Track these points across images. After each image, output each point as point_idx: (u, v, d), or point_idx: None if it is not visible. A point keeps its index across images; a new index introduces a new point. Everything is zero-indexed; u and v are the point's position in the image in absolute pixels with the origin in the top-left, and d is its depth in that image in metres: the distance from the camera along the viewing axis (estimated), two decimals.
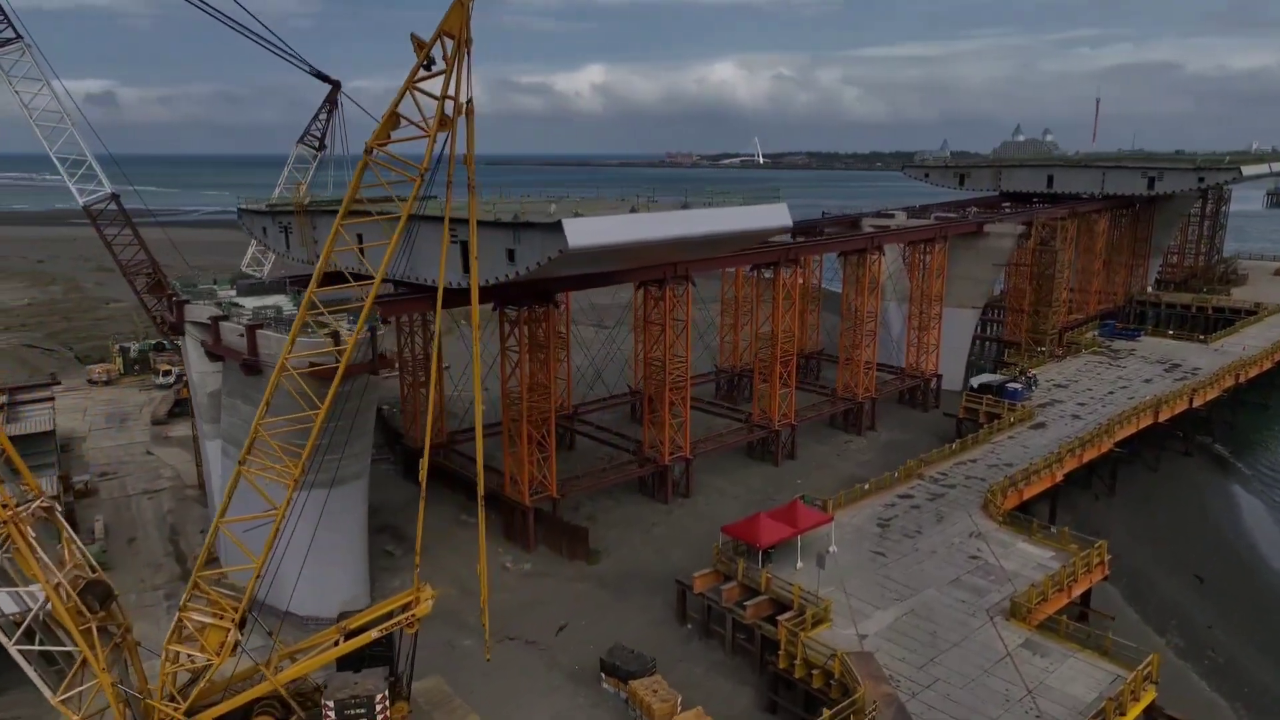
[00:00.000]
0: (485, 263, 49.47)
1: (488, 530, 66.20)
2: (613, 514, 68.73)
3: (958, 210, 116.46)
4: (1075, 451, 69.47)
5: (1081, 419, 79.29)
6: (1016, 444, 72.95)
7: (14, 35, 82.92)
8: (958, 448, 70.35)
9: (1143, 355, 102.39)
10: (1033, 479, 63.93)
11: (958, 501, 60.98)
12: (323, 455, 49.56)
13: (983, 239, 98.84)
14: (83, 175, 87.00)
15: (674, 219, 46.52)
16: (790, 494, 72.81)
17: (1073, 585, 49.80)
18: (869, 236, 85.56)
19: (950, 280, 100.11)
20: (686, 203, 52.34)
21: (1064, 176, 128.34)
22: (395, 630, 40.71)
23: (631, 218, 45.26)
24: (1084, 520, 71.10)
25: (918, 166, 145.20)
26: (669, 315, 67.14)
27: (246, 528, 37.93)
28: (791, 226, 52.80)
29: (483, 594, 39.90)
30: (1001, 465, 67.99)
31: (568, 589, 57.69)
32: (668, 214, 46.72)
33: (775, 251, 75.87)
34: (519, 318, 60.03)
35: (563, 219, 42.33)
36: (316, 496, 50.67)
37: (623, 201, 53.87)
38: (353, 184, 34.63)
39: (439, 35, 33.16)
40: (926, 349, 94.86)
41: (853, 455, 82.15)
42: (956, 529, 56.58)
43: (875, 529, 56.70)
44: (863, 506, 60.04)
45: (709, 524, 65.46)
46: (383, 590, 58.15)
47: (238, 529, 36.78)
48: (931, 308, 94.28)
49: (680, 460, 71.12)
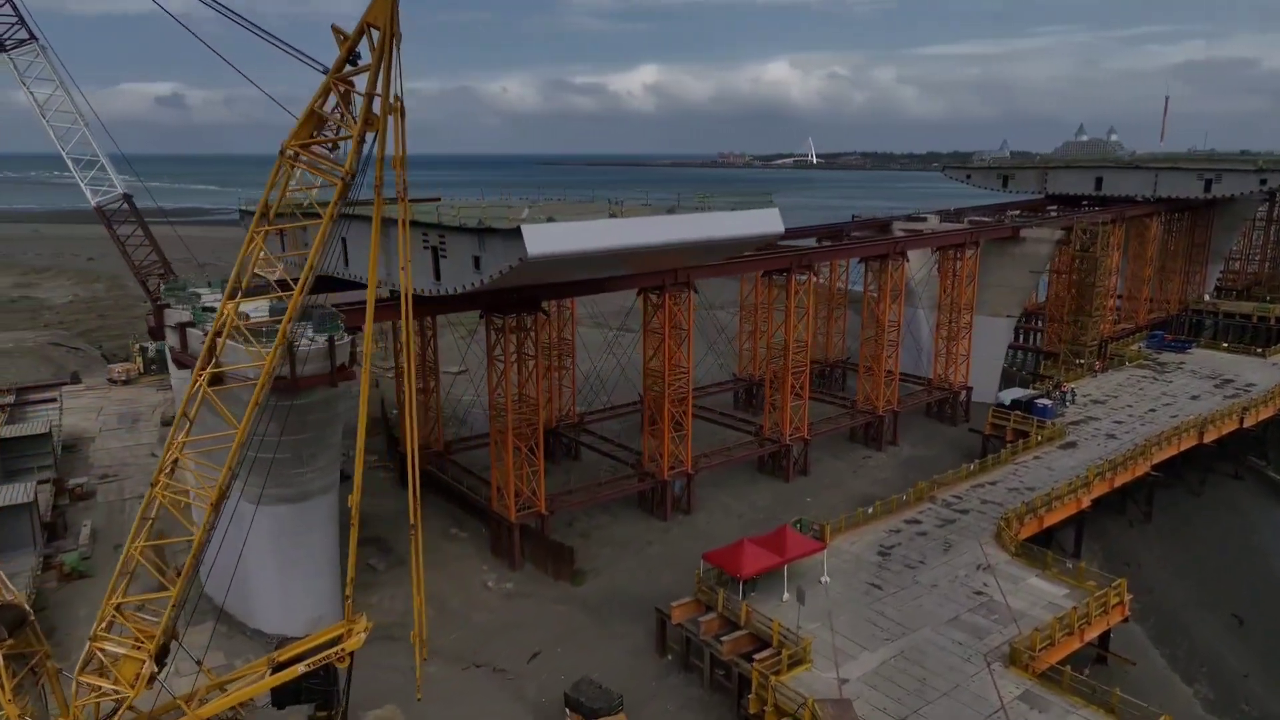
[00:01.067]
0: (453, 270, 47.07)
1: (471, 546, 64.25)
2: (607, 531, 65.86)
3: (996, 214, 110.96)
4: (1105, 475, 64.57)
5: (1117, 439, 74.02)
6: (1042, 465, 68.16)
7: (28, 36, 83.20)
8: (976, 469, 65.95)
9: (1192, 369, 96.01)
10: (1055, 505, 59.34)
11: (969, 529, 56.75)
12: (286, 470, 47.95)
13: (1019, 244, 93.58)
14: (93, 177, 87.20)
15: (649, 225, 43.45)
16: (798, 513, 69.11)
17: (1085, 628, 45.44)
18: (891, 242, 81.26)
19: (984, 288, 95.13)
20: (673, 207, 49.18)
21: (1114, 178, 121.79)
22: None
23: (598, 224, 42.30)
24: (1114, 549, 66.24)
25: (959, 168, 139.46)
26: (668, 323, 64.07)
27: (179, 549, 35.94)
28: (783, 233, 49.31)
29: (416, 627, 37.13)
30: (1023, 489, 63.40)
31: (548, 612, 54.98)
32: (643, 220, 43.66)
33: (787, 257, 72.24)
34: (504, 326, 57.46)
35: (522, 225, 39.57)
36: (279, 512, 48.92)
37: (610, 204, 50.93)
38: (268, 186, 32.32)
39: (364, 28, 30.69)
40: (955, 360, 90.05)
41: (870, 472, 78.01)
42: (963, 560, 52.46)
43: (875, 558, 52.86)
44: (864, 532, 56.21)
45: (707, 544, 61.99)
46: (360, 607, 56.10)
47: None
48: (961, 316, 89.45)
49: (681, 475, 67.93)
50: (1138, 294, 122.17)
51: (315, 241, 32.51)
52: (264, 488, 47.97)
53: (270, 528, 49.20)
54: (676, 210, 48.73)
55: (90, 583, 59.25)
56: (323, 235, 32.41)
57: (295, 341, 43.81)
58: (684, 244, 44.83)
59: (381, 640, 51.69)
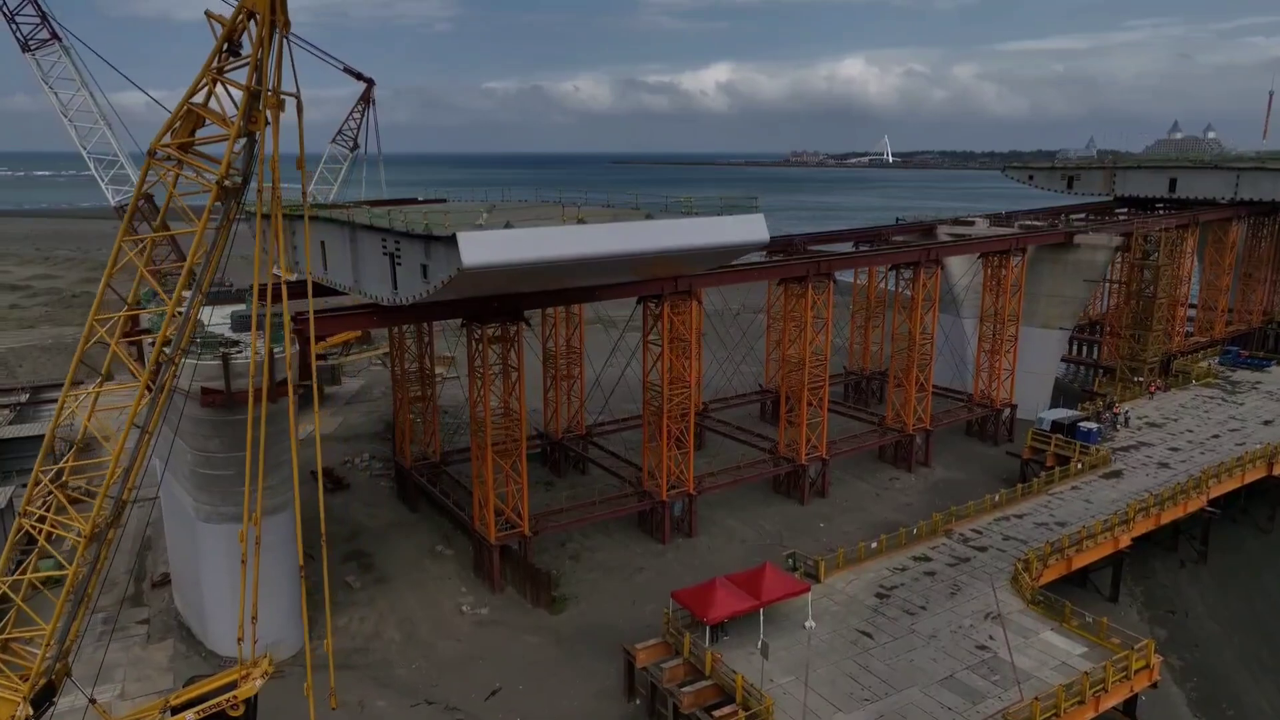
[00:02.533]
0: (407, 278, 43.90)
1: (455, 566, 61.14)
2: (599, 553, 62.08)
3: (1056, 217, 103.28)
4: (1150, 511, 58.01)
5: (1170, 468, 66.94)
6: (1079, 497, 61.77)
7: (49, 36, 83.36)
8: (1002, 499, 59.96)
9: (1269, 390, 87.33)
10: (1086, 545, 53.23)
11: (984, 570, 51.15)
12: (232, 487, 45.50)
13: (1073, 251, 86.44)
14: (115, 176, 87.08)
15: (606, 234, 39.46)
16: (809, 539, 64.47)
17: (1101, 696, 39.78)
18: (923, 249, 75.41)
19: (1034, 298, 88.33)
20: (651, 214, 45.08)
21: (1190, 179, 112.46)
22: (252, 698, 35.69)
23: (546, 231, 38.48)
24: (1158, 593, 59.57)
25: (1020, 168, 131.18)
26: (667, 334, 59.95)
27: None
28: (768, 241, 44.69)
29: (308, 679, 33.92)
30: (1052, 524, 57.33)
31: (519, 643, 51.46)
32: (600, 228, 39.67)
33: (802, 265, 67.34)
34: (483, 336, 54.12)
35: (459, 233, 36.04)
36: (229, 531, 46.42)
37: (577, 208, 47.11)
38: (136, 189, 29.50)
39: (241, 14, 27.54)
40: (998, 374, 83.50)
41: (894, 496, 72.43)
42: (971, 607, 47.02)
43: (871, 600, 47.80)
44: (865, 569, 51.14)
45: (703, 571, 58.02)
46: (323, 629, 53.60)
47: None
48: (1005, 328, 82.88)
49: (681, 496, 63.70)
50: (1214, 304, 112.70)
51: (191, 251, 29.50)
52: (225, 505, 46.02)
53: (221, 547, 46.92)
54: (656, 215, 44.61)
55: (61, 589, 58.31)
56: (198, 241, 29.34)
57: (231, 354, 41.26)
58: (650, 253, 40.73)
59: (337, 670, 49.00)
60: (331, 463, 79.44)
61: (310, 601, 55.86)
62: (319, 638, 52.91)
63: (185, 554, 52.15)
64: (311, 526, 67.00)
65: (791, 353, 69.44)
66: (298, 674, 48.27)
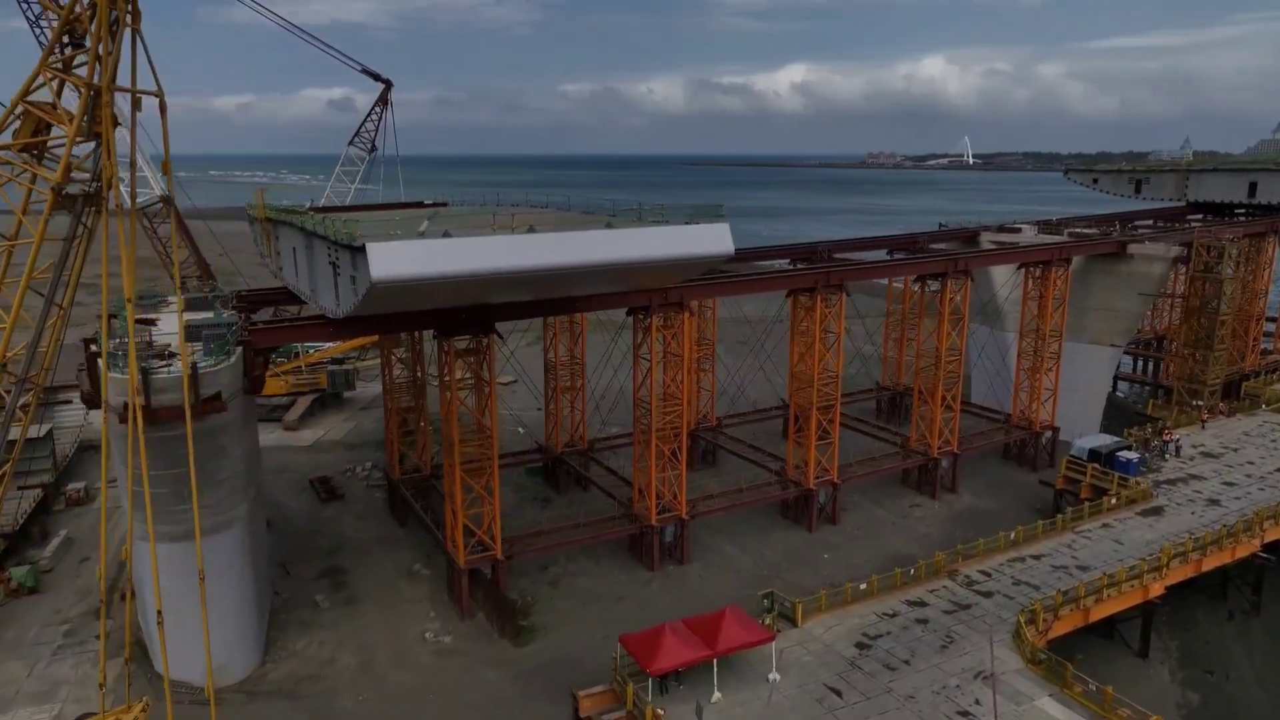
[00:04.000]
0: (345, 289, 41.18)
1: (429, 588, 58.32)
2: (582, 580, 58.63)
3: (1120, 224, 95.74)
4: (1188, 557, 51.77)
5: (1221, 505, 60.14)
6: (1110, 536, 55.69)
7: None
8: (1019, 537, 54.36)
9: None
10: (1107, 595, 47.47)
11: (985, 619, 45.93)
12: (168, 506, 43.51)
13: (1126, 262, 79.35)
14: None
15: (537, 245, 35.95)
16: (809, 570, 59.93)
17: None
18: (950, 259, 69.76)
19: (1084, 311, 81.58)
20: (610, 222, 41.46)
21: (1272, 183, 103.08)
22: None
23: (469, 243, 35.19)
24: (1197, 649, 53.22)
25: (1084, 170, 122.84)
26: (654, 348, 56.24)
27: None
28: (732, 253, 40.41)
29: None
30: (1073, 568, 51.56)
31: (474, 677, 48.35)
32: (532, 239, 36.20)
33: (811, 276, 62.68)
34: (449, 349, 51.19)
35: (368, 243, 33.05)
36: (168, 550, 44.48)
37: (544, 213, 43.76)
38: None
39: (78, 2, 25.00)
40: (1038, 394, 77.11)
41: (912, 526, 67.09)
42: (961, 663, 42.00)
43: (850, 651, 43.15)
44: (850, 613, 46.45)
45: (690, 603, 54.14)
46: (285, 651, 51.53)
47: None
48: (1047, 345, 76.49)
49: (673, 520, 59.79)
50: None
51: (30, 259, 27.10)
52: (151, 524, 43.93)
53: (160, 567, 45.01)
54: (613, 225, 40.98)
55: (38, 598, 57.60)
56: (35, 254, 26.90)
57: (152, 369, 39.16)
58: (590, 266, 37.08)
59: (278, 699, 46.77)
60: (332, 471, 78.01)
61: (274, 621, 54.73)
62: (276, 659, 50.89)
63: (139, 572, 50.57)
64: (293, 539, 66.02)
65: (801, 369, 64.82)
66: (238, 701, 46.13)
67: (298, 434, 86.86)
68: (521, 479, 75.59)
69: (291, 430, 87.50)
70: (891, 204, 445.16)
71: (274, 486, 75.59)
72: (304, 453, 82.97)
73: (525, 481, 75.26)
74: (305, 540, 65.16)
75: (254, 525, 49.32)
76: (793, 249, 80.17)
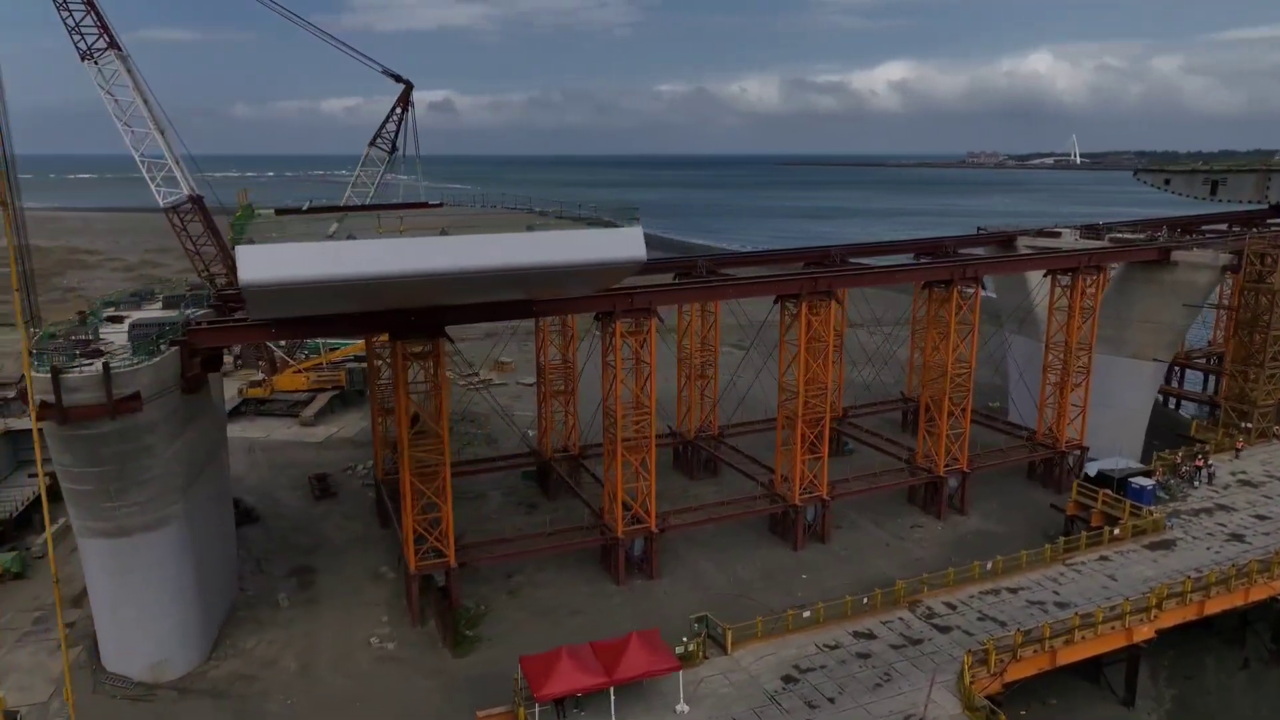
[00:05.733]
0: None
1: (390, 592, 57.79)
2: (542, 590, 57.20)
3: (1148, 229, 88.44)
4: (1188, 598, 46.81)
5: (1244, 542, 54.44)
6: (1104, 571, 50.93)
7: (106, 45, 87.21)
8: (996, 568, 50.24)
9: None
10: (1081, 637, 43.21)
11: (934, 657, 42.40)
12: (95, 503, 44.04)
13: (1170, 270, 73.06)
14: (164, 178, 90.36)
15: (422, 250, 34.55)
16: (780, 592, 57.09)
17: None
18: (958, 265, 65.35)
19: (1125, 323, 75.68)
20: (531, 225, 39.90)
21: None
22: None
23: (346, 247, 34.19)
24: (1195, 701, 48.31)
25: (1156, 171, 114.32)
26: (620, 355, 54.36)
27: None
28: (644, 259, 37.99)
29: None
30: (1051, 604, 47.27)
31: (407, 687, 47.47)
32: (418, 243, 34.93)
33: (796, 282, 59.66)
34: (402, 352, 50.47)
35: (238, 247, 32.37)
36: (100, 546, 45.16)
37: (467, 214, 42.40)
38: None
39: None
40: (1065, 411, 71.74)
41: (907, 549, 63.15)
42: (891, 705, 38.75)
43: (775, 684, 40.37)
44: (789, 642, 43.61)
45: (648, 620, 51.87)
46: (235, 648, 51.69)
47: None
48: (1076, 358, 71.10)
49: (642, 534, 57.77)
50: None
51: None
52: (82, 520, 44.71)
53: (95, 563, 45.80)
54: (535, 228, 39.40)
55: (23, 583, 59.62)
56: None
57: (66, 368, 39.52)
58: (483, 271, 35.46)
59: (207, 698, 46.74)
60: (334, 468, 78.75)
61: (233, 618, 55.14)
62: (223, 657, 51.12)
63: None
64: (276, 535, 66.71)
65: (788, 379, 61.83)
66: (168, 699, 46.39)
67: (312, 430, 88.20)
68: (515, 483, 74.83)
69: (307, 426, 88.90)
70: (969, 205, 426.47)
71: (274, 481, 76.92)
72: (313, 449, 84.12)
73: (518, 485, 74.42)
74: (287, 537, 65.76)
75: (202, 522, 49.60)
76: (804, 253, 76.78)
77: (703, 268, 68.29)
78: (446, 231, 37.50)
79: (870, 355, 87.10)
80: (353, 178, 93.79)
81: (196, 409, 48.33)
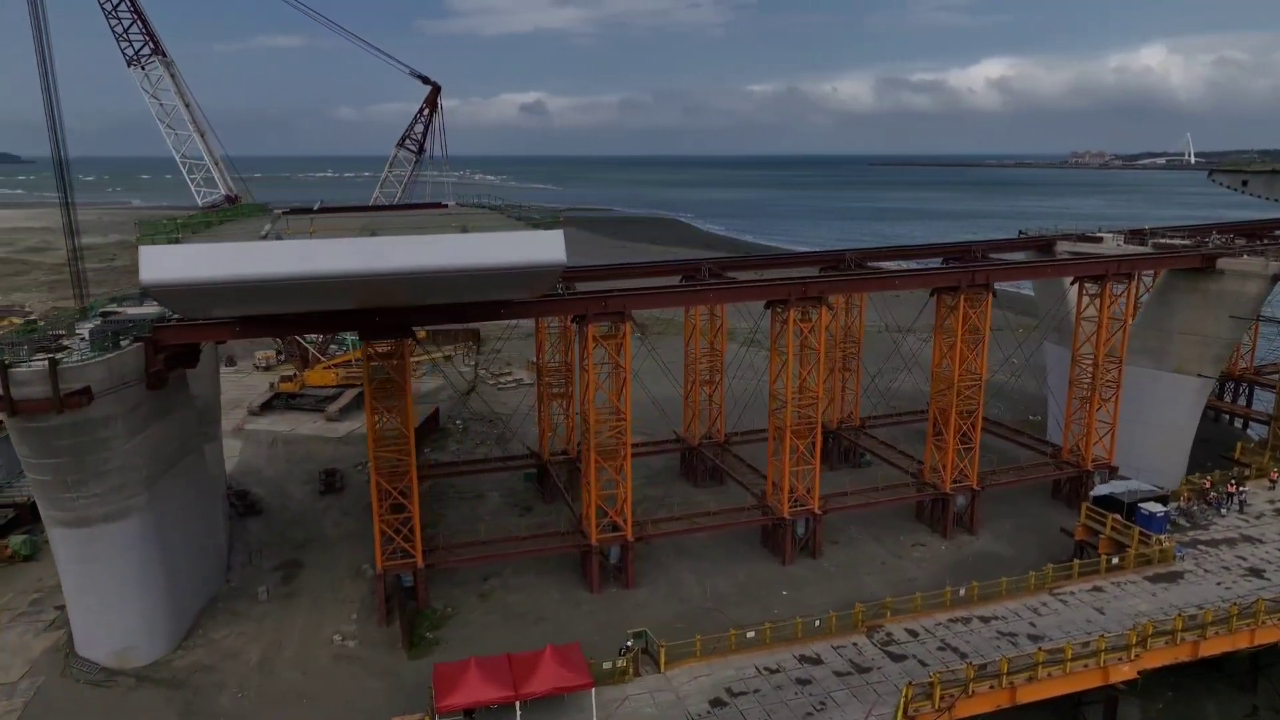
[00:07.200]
0: None
1: (366, 590, 58.24)
2: (513, 595, 56.65)
3: (1194, 235, 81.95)
4: (1178, 637, 42.92)
5: (1264, 578, 49.70)
6: (1093, 603, 47.16)
7: (150, 51, 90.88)
8: (971, 595, 47.11)
9: None
10: (1045, 675, 40.04)
11: (880, 688, 39.92)
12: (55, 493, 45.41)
13: (1215, 279, 67.68)
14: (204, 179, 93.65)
15: (327, 252, 34.15)
16: (756, 607, 55.29)
17: None
18: (968, 271, 61.73)
19: (1167, 335, 70.64)
20: (465, 226, 39.31)
21: None
22: None
23: (248, 247, 34.03)
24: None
25: (1233, 172, 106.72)
26: (592, 360, 53.33)
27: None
28: (564, 263, 36.63)
29: None
30: (1024, 637, 43.99)
31: (356, 686, 47.53)
32: (321, 244, 34.49)
33: (784, 287, 57.44)
34: (365, 352, 50.64)
35: (142, 246, 32.71)
36: (63, 535, 46.62)
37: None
38: None
39: None
40: (1092, 427, 67.20)
41: (903, 568, 60.12)
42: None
43: (701, 707, 38.65)
44: (729, 663, 41.77)
45: (617, 630, 50.60)
46: (207, 640, 52.69)
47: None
48: (1103, 371, 66.53)
49: (617, 542, 56.61)
50: None
51: None
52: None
53: (61, 552, 47.28)
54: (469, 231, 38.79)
55: (31, 565, 62.28)
56: None
57: (12, 362, 40.79)
58: (393, 274, 34.85)
59: (162, 688, 47.62)
60: (347, 464, 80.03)
61: (211, 608, 56.37)
62: (190, 647, 52.20)
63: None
64: (275, 528, 68.03)
65: (776, 388, 59.64)
66: (125, 686, 47.54)
67: (335, 425, 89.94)
68: (517, 484, 74.63)
69: (331, 421, 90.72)
70: (1062, 206, 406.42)
71: (289, 474, 78.65)
72: (332, 444, 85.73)
73: (519, 487, 74.20)
74: (284, 530, 67.05)
75: (174, 514, 50.71)
76: (819, 256, 74.07)
77: (706, 270, 66.59)
78: (377, 233, 37.10)
79: (896, 361, 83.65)
80: (381, 178, 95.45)
81: (167, 403, 49.43)
